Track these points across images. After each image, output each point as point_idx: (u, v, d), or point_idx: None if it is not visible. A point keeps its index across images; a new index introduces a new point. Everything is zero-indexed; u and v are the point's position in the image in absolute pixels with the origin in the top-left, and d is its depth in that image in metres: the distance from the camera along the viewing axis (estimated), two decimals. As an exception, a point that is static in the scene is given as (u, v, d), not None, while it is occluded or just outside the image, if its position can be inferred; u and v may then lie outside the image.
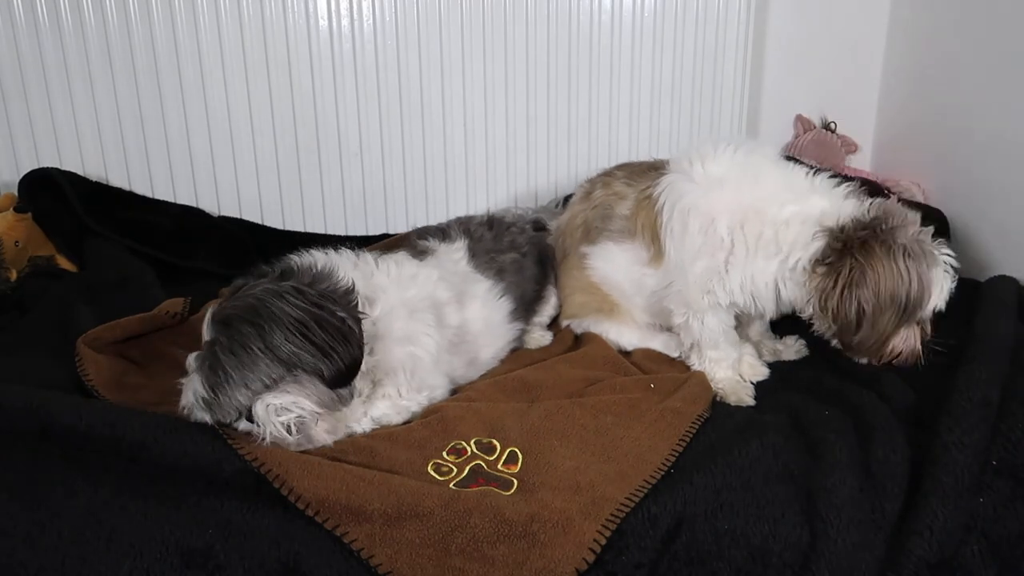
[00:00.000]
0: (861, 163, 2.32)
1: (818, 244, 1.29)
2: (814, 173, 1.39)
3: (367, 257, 1.35)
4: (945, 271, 1.29)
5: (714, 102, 2.15)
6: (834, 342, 1.37)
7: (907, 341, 1.31)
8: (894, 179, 2.11)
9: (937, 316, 1.32)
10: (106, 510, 0.97)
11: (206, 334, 1.11)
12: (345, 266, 1.26)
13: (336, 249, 1.33)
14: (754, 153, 1.42)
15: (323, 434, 1.13)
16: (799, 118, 2.28)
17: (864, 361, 1.36)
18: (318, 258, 1.26)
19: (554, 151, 2.13)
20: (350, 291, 1.19)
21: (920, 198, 1.98)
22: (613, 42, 2.06)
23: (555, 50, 2.04)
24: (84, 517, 0.96)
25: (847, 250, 1.26)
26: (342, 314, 1.13)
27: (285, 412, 1.08)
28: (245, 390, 1.06)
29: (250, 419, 1.08)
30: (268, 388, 1.07)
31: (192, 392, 1.09)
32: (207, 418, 1.09)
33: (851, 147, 2.29)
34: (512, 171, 2.12)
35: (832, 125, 2.26)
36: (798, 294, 1.34)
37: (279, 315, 1.08)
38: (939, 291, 1.28)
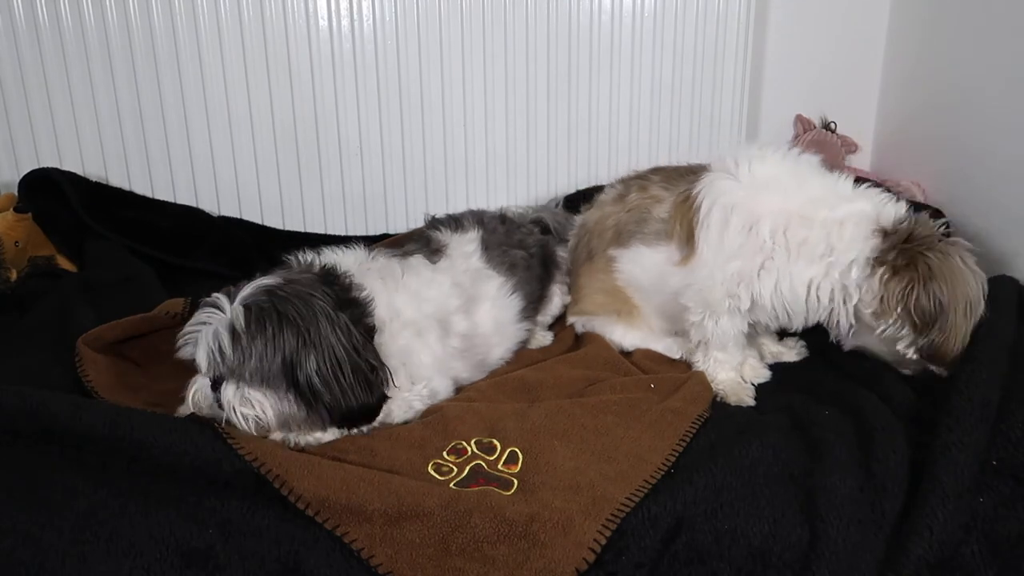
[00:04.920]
0: (861, 163, 2.31)
1: (874, 242, 1.30)
2: (857, 183, 1.39)
3: (395, 268, 1.34)
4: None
5: (714, 102, 2.15)
6: (934, 368, 1.33)
7: None
8: (894, 179, 2.10)
9: None
10: (106, 510, 0.97)
11: (252, 295, 1.11)
12: (374, 284, 1.26)
13: (368, 252, 1.34)
14: (800, 159, 1.42)
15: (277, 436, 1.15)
16: (799, 118, 2.28)
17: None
18: (348, 266, 1.26)
19: (554, 151, 2.12)
20: (371, 330, 1.20)
21: (920, 198, 1.98)
22: (613, 42, 2.06)
23: (555, 50, 2.04)
24: (84, 517, 0.96)
25: (914, 249, 1.27)
26: (375, 362, 1.15)
27: (249, 407, 1.09)
28: (256, 365, 1.08)
29: (216, 388, 1.10)
30: (257, 383, 1.09)
31: (225, 324, 1.09)
32: (200, 357, 1.10)
33: (851, 147, 2.29)
34: (512, 171, 2.12)
35: (832, 125, 2.26)
36: (848, 295, 1.33)
37: (323, 345, 1.10)
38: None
